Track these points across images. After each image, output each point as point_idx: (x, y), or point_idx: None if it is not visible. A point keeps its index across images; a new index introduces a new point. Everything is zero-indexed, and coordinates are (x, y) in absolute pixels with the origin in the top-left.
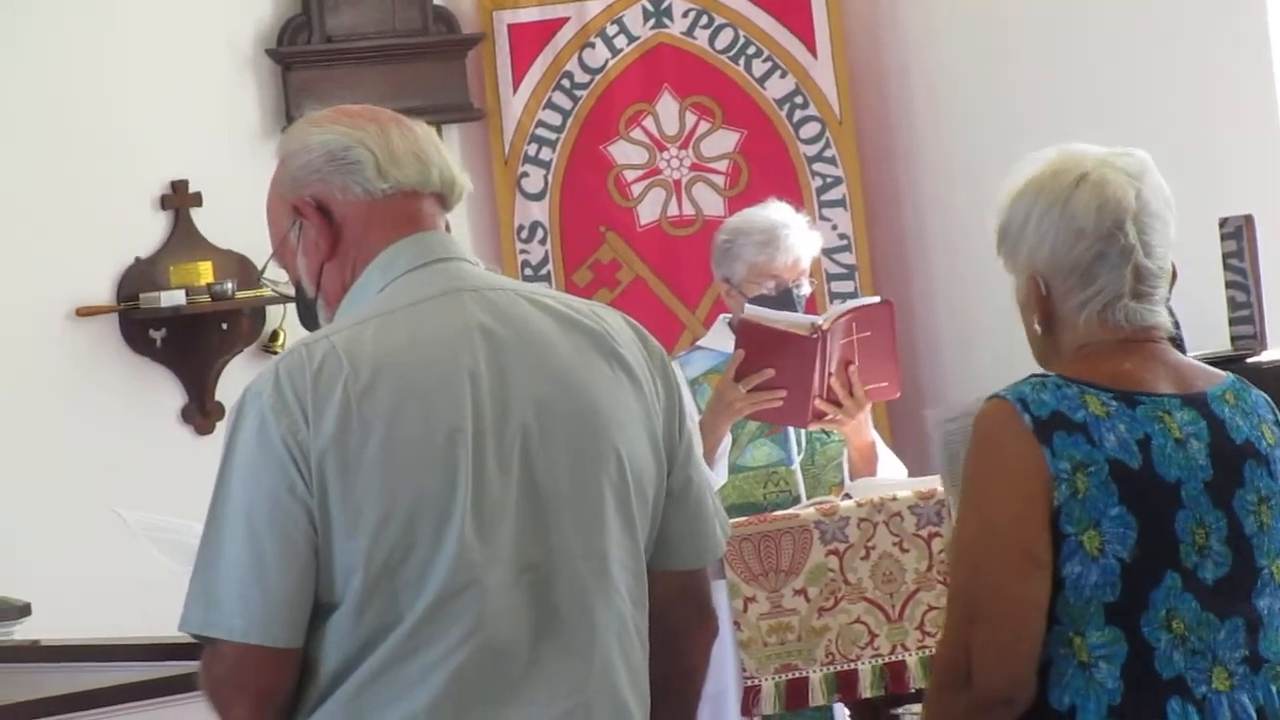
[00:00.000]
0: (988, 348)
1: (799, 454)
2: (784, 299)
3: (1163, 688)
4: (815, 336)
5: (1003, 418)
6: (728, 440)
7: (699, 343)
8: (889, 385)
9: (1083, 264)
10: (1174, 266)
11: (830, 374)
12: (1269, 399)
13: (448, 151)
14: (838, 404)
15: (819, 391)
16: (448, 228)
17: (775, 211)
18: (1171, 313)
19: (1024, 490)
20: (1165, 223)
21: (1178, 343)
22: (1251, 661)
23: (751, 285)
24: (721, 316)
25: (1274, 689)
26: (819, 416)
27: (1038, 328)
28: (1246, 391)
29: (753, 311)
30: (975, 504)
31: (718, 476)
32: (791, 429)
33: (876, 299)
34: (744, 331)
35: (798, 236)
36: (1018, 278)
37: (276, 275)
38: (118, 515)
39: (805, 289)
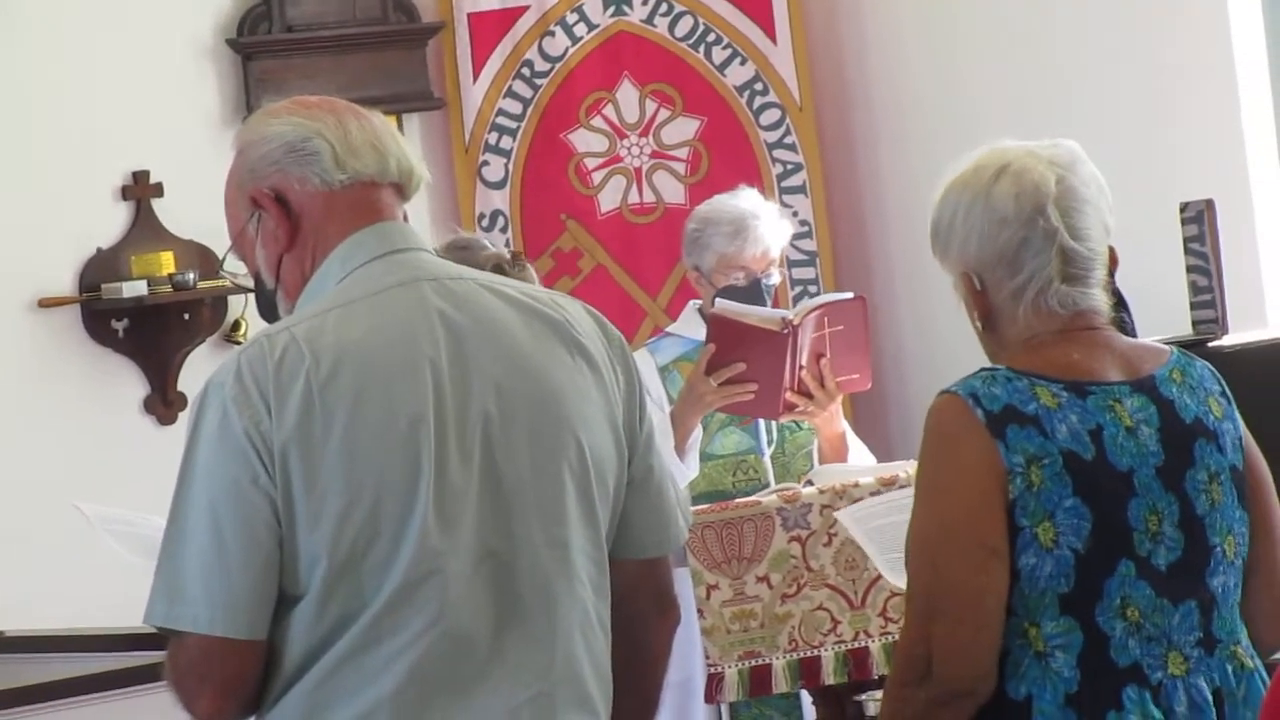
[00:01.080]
0: (947, 330)
1: (770, 445)
2: (753, 290)
3: (1119, 675)
4: (786, 332)
5: (955, 413)
6: (698, 432)
7: (669, 329)
8: (860, 377)
9: (1009, 252)
10: (1113, 251)
11: (801, 367)
12: (1212, 369)
13: (406, 142)
14: (809, 396)
15: (790, 384)
16: (405, 217)
17: (745, 201)
18: (1119, 296)
19: (979, 484)
20: (1096, 207)
21: (1124, 326)
22: (1206, 643)
23: (720, 275)
24: (691, 303)
25: (1229, 669)
26: (790, 408)
27: (978, 324)
28: (1191, 365)
29: (723, 306)
30: (931, 500)
31: (689, 469)
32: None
33: (849, 295)
34: (715, 326)
35: (767, 227)
36: (953, 276)
37: (236, 267)
38: (77, 510)
39: (774, 278)
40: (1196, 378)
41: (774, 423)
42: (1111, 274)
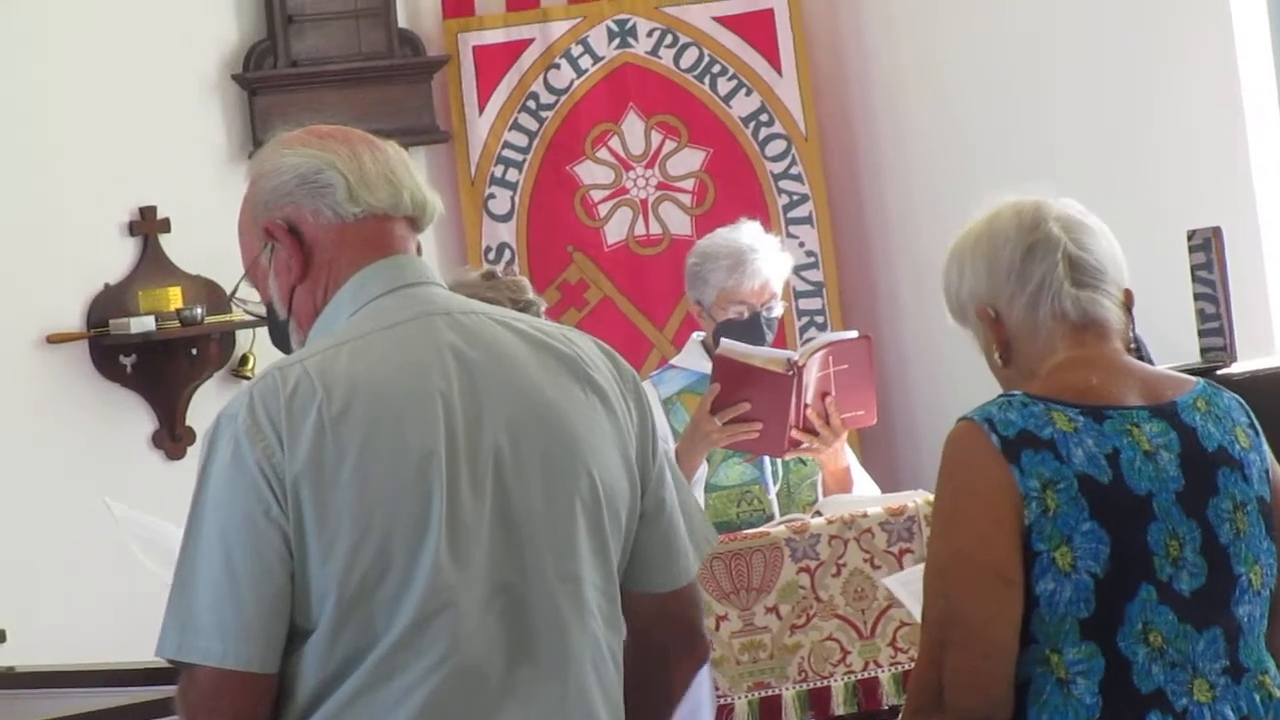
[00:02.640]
0: (953, 359)
1: (775, 482)
2: (752, 324)
3: (1142, 702)
4: (791, 373)
5: (970, 440)
6: (703, 469)
7: (672, 361)
8: (865, 414)
9: (1015, 264)
10: (1130, 293)
11: (806, 405)
12: (1241, 401)
13: (418, 172)
14: (814, 433)
15: (795, 423)
16: (419, 249)
17: (745, 235)
18: (1139, 342)
19: (993, 512)
20: (1098, 235)
21: (1142, 359)
22: (1232, 671)
23: (720, 309)
24: (694, 335)
25: (1257, 698)
26: (795, 445)
27: (998, 359)
28: (1218, 396)
29: (728, 346)
30: (945, 528)
31: None
32: None
33: (854, 334)
34: (720, 366)
35: (765, 260)
36: (974, 327)
37: (248, 295)
38: (106, 505)
39: (777, 310)
40: (1223, 408)
41: (779, 459)
42: (1128, 311)
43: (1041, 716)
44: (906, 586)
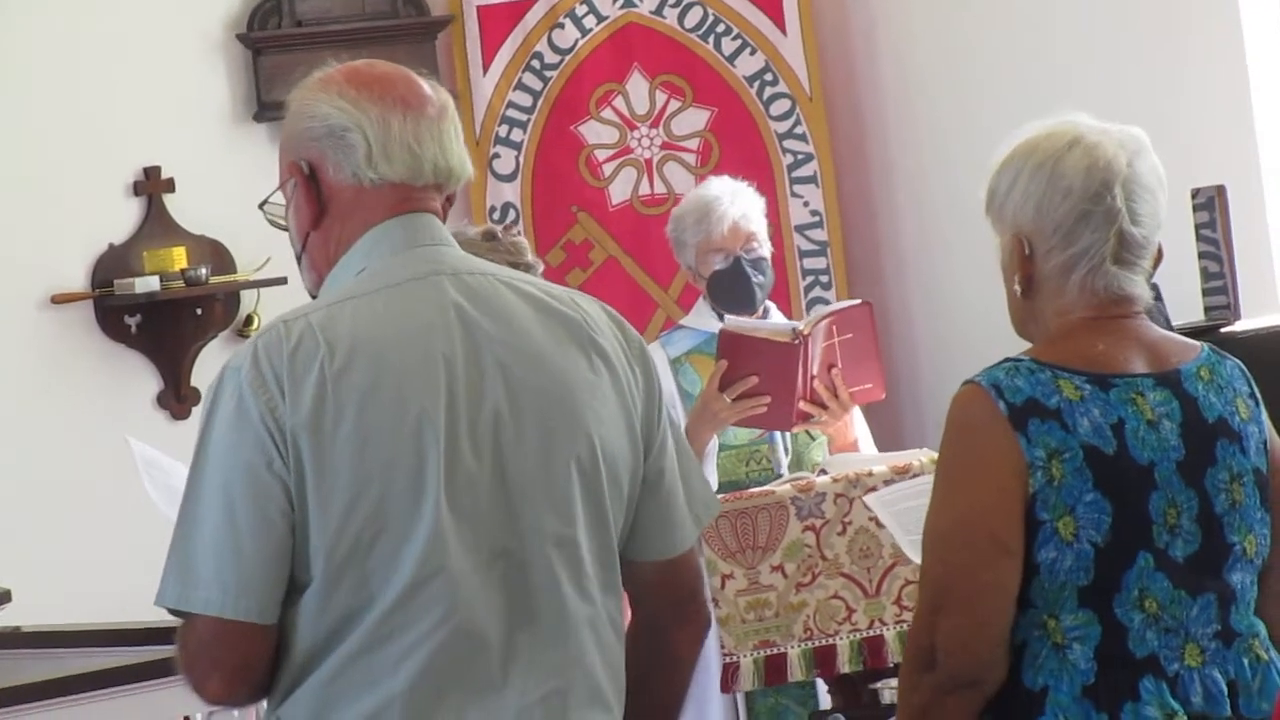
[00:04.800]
0: (959, 318)
1: (786, 455)
2: (735, 269)
3: (1136, 666)
4: (797, 343)
5: (977, 404)
6: (714, 444)
7: (681, 322)
8: (874, 387)
9: (1066, 223)
10: (1161, 248)
11: (813, 377)
12: (1243, 368)
13: (453, 137)
14: (823, 406)
15: (803, 394)
16: (445, 207)
17: (709, 188)
18: (1156, 291)
19: (998, 479)
20: (1155, 197)
21: (1160, 319)
22: (1224, 636)
23: (704, 265)
24: (703, 296)
25: (1245, 661)
26: (804, 419)
27: (1017, 288)
28: (1221, 364)
29: (733, 322)
30: (948, 493)
31: None
32: None
33: (856, 301)
34: (725, 342)
35: (729, 203)
36: (1002, 238)
37: (277, 211)
38: (127, 442)
39: (760, 251)
40: (1226, 377)
41: (788, 435)
42: (1154, 267)
43: (1037, 680)
44: (887, 506)
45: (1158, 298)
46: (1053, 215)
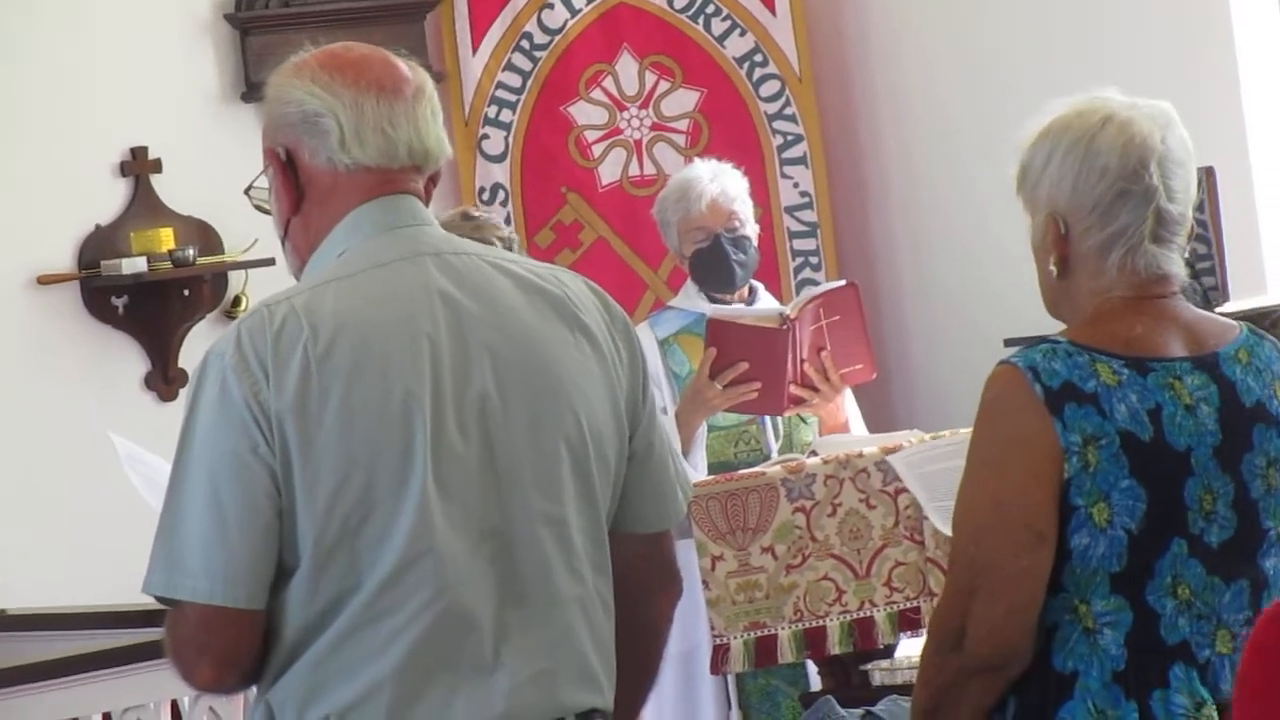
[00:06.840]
0: (949, 300)
1: (777, 440)
2: (715, 248)
3: (1167, 653)
4: (785, 328)
5: (1013, 386)
6: (703, 430)
7: (670, 303)
8: (864, 368)
9: (1104, 202)
10: (1193, 223)
11: (803, 361)
12: None
13: (430, 119)
14: (814, 389)
15: (793, 378)
16: (427, 189)
17: (693, 169)
18: (1192, 268)
19: (1032, 464)
20: (1188, 171)
21: (1195, 297)
22: (1256, 622)
23: (686, 245)
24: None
25: None
26: (795, 402)
27: (1053, 269)
28: (1260, 346)
29: (720, 310)
30: (981, 473)
31: (695, 470)
32: None
33: (841, 282)
34: (713, 330)
35: (708, 183)
36: (1035, 217)
37: (262, 196)
38: (111, 439)
39: (743, 230)
40: (1264, 359)
41: (780, 420)
42: (1188, 244)
43: (1067, 663)
44: (913, 469)
45: (1194, 275)
46: (1090, 194)
